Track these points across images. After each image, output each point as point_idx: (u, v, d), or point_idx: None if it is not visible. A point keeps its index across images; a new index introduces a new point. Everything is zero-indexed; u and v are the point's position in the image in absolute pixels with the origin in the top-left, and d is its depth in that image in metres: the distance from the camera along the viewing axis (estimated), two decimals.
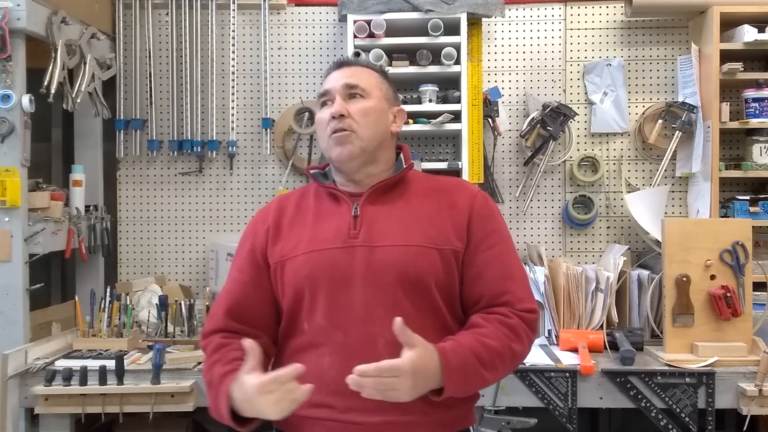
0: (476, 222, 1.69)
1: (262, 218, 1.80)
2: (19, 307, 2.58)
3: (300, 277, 1.66)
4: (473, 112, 3.05)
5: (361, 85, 1.73)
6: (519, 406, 2.46)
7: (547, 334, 2.79)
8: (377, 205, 1.70)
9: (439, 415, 1.61)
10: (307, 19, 3.31)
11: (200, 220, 3.31)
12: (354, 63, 1.80)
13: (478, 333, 1.60)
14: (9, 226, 2.57)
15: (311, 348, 1.65)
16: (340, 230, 1.67)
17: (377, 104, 1.74)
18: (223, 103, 3.24)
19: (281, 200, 1.83)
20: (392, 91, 1.81)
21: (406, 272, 1.62)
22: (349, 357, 1.57)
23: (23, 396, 2.46)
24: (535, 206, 3.25)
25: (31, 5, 2.56)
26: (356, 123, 1.70)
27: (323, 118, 1.73)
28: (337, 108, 1.69)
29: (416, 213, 1.70)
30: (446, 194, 1.74)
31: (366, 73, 1.77)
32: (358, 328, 1.61)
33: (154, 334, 2.88)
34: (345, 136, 1.69)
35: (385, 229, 1.66)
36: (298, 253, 1.68)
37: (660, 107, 3.15)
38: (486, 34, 3.24)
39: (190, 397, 2.45)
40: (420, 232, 1.66)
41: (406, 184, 1.76)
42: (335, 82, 1.74)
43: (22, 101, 2.56)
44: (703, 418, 2.41)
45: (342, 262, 1.64)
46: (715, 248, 2.58)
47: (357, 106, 1.71)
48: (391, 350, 1.55)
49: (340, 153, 1.70)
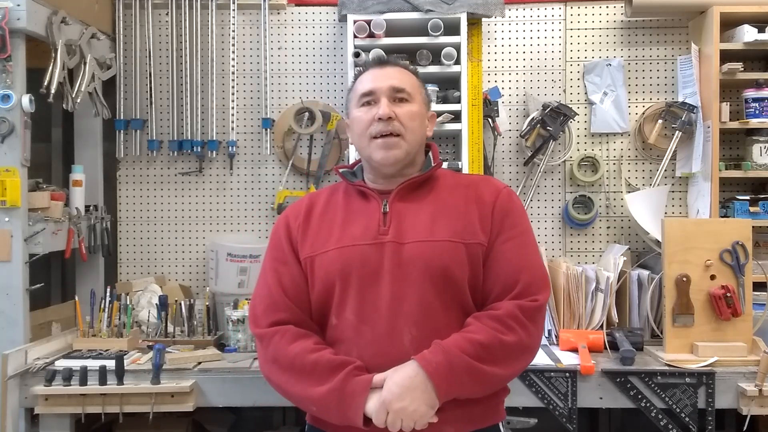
0: (497, 216, 1.71)
1: (294, 214, 1.81)
2: (19, 307, 2.58)
3: (331, 272, 1.68)
4: (473, 112, 3.05)
5: (407, 89, 1.73)
6: (519, 406, 2.46)
7: (547, 334, 2.79)
8: (406, 202, 1.72)
9: (465, 411, 1.64)
10: (307, 19, 3.30)
11: (200, 220, 3.31)
12: (395, 63, 1.80)
13: (463, 331, 1.63)
14: (9, 226, 2.57)
15: (338, 343, 1.67)
16: (370, 227, 1.69)
17: (420, 109, 1.76)
18: (223, 103, 3.24)
19: (312, 197, 1.85)
20: (427, 95, 1.83)
21: (433, 267, 1.64)
22: (376, 353, 1.62)
23: (23, 396, 2.46)
24: (535, 206, 3.24)
25: (31, 5, 2.56)
26: (403, 127, 1.71)
27: (365, 118, 1.73)
28: (386, 110, 1.69)
29: (444, 208, 1.72)
30: (473, 188, 1.76)
31: (408, 75, 1.78)
32: (385, 324, 1.63)
33: (154, 334, 2.88)
34: (393, 141, 1.70)
35: (414, 225, 1.68)
36: (329, 248, 1.70)
37: (660, 107, 3.15)
38: (486, 34, 3.24)
39: (190, 397, 2.44)
40: (447, 227, 1.68)
41: (434, 180, 1.79)
42: (380, 83, 1.73)
43: (22, 101, 2.56)
44: (703, 418, 2.41)
45: (372, 258, 1.66)
46: (715, 248, 2.58)
47: (404, 110, 1.72)
48: (417, 346, 1.60)
49: (386, 157, 1.71)
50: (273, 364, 1.68)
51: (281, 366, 1.65)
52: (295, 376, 1.63)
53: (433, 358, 1.56)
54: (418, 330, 1.60)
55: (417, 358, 1.57)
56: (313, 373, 1.60)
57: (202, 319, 2.88)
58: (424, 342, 1.59)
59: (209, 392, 2.48)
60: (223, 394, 2.48)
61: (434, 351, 1.58)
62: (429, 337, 1.60)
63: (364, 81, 1.77)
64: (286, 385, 1.66)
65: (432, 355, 1.57)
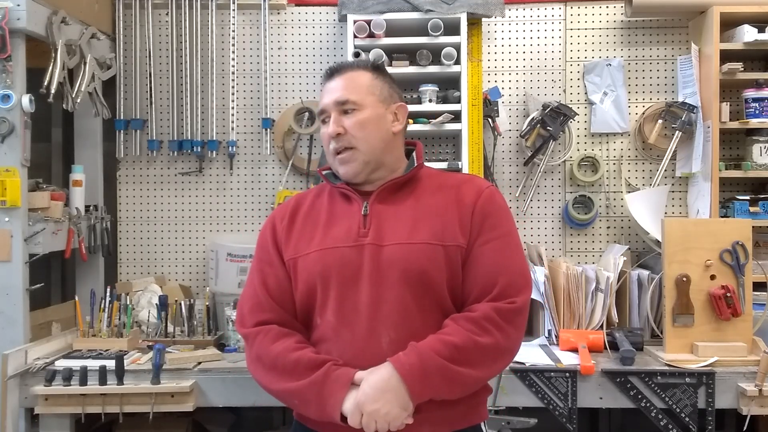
0: (477, 218, 1.71)
1: (281, 216, 1.82)
2: (19, 307, 2.58)
3: (313, 274, 1.69)
4: (473, 112, 3.05)
5: (351, 98, 1.73)
6: (519, 406, 2.46)
7: (547, 334, 2.79)
8: (386, 204, 1.73)
9: (444, 413, 1.64)
10: (307, 19, 3.30)
11: (200, 220, 3.31)
12: (343, 69, 1.79)
13: (439, 333, 1.63)
14: (9, 226, 2.57)
15: (321, 343, 1.69)
16: (351, 229, 1.70)
17: (372, 112, 1.75)
18: (223, 103, 3.24)
19: (298, 198, 1.86)
20: (388, 88, 1.80)
21: (411, 270, 1.64)
22: (355, 355, 1.63)
23: (23, 396, 2.45)
24: (535, 206, 3.24)
25: (31, 5, 2.56)
26: (354, 138, 1.73)
27: (324, 135, 1.77)
28: (333, 128, 1.73)
29: (424, 210, 1.72)
30: (454, 190, 1.75)
31: (357, 79, 1.77)
32: (364, 326, 1.64)
33: (154, 334, 2.88)
34: (347, 156, 1.73)
35: (393, 227, 1.69)
36: (311, 250, 1.71)
37: (660, 107, 3.15)
38: (486, 34, 3.24)
39: (190, 397, 2.44)
40: (426, 230, 1.68)
41: (416, 181, 1.78)
42: (327, 98, 1.76)
43: (22, 101, 2.56)
44: (703, 418, 2.41)
45: (352, 260, 1.67)
46: (715, 248, 2.58)
47: (351, 121, 1.73)
48: (395, 348, 1.61)
49: (345, 172, 1.75)
50: (257, 363, 1.70)
51: (264, 365, 1.68)
52: (277, 374, 1.65)
53: (407, 360, 1.57)
54: (396, 332, 1.62)
55: (391, 360, 1.58)
56: (294, 371, 1.62)
57: (202, 319, 2.88)
58: (402, 344, 1.60)
59: (209, 392, 2.48)
60: (223, 394, 2.48)
61: (408, 353, 1.58)
62: (407, 340, 1.61)
63: (321, 96, 1.80)
64: (269, 383, 1.68)
65: (406, 357, 1.58)
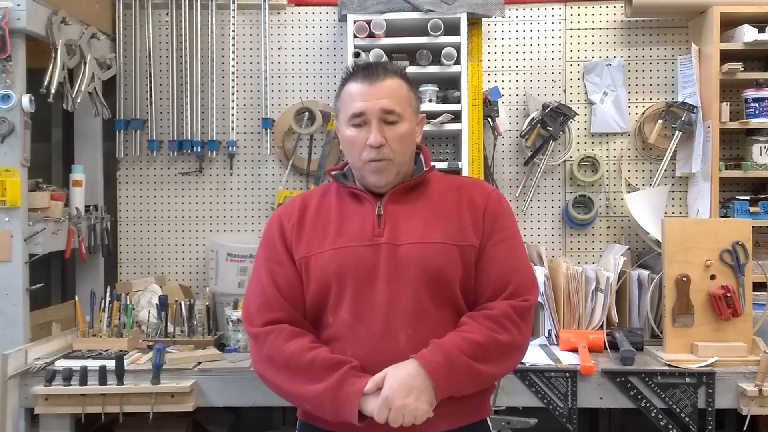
0: (489, 219, 1.75)
1: (287, 215, 1.82)
2: (19, 307, 2.58)
3: (328, 272, 1.70)
4: (473, 112, 3.05)
5: (397, 109, 1.72)
6: (519, 406, 2.46)
7: (547, 334, 2.79)
8: (399, 204, 1.75)
9: (458, 407, 1.67)
10: (307, 19, 3.30)
11: (200, 220, 3.31)
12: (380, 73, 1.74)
13: (460, 330, 1.66)
14: (9, 226, 2.57)
15: (334, 341, 1.70)
16: (365, 228, 1.72)
17: (409, 126, 1.76)
18: (223, 103, 3.24)
19: (304, 198, 1.85)
20: (415, 98, 1.81)
21: (428, 268, 1.67)
22: (372, 352, 1.65)
23: (23, 396, 2.46)
24: (535, 206, 3.24)
25: (31, 5, 2.56)
26: (393, 151, 1.72)
27: (357, 141, 1.72)
28: (378, 138, 1.69)
29: (437, 210, 1.75)
30: (464, 192, 1.79)
31: (398, 88, 1.74)
32: (381, 323, 1.66)
33: (154, 334, 2.88)
34: (382, 166, 1.72)
35: (408, 227, 1.71)
36: (325, 249, 1.72)
37: (660, 107, 3.15)
38: (486, 34, 3.24)
39: (190, 397, 2.44)
40: (441, 230, 1.71)
41: (425, 183, 1.81)
42: (371, 104, 1.71)
43: (22, 101, 2.56)
44: (703, 418, 2.41)
45: (368, 258, 1.68)
46: (715, 248, 2.58)
47: (394, 133, 1.72)
48: (413, 345, 1.64)
49: (377, 180, 1.74)
50: (268, 363, 1.70)
51: (276, 364, 1.67)
52: (291, 374, 1.65)
53: (433, 357, 1.60)
54: (413, 329, 1.65)
55: (417, 357, 1.60)
56: (308, 371, 1.62)
57: (202, 319, 2.88)
58: (419, 341, 1.63)
59: (209, 392, 2.48)
60: (223, 394, 2.48)
61: (434, 350, 1.61)
62: (424, 336, 1.64)
63: (354, 96, 1.73)
64: (281, 383, 1.68)
65: (432, 354, 1.61)
